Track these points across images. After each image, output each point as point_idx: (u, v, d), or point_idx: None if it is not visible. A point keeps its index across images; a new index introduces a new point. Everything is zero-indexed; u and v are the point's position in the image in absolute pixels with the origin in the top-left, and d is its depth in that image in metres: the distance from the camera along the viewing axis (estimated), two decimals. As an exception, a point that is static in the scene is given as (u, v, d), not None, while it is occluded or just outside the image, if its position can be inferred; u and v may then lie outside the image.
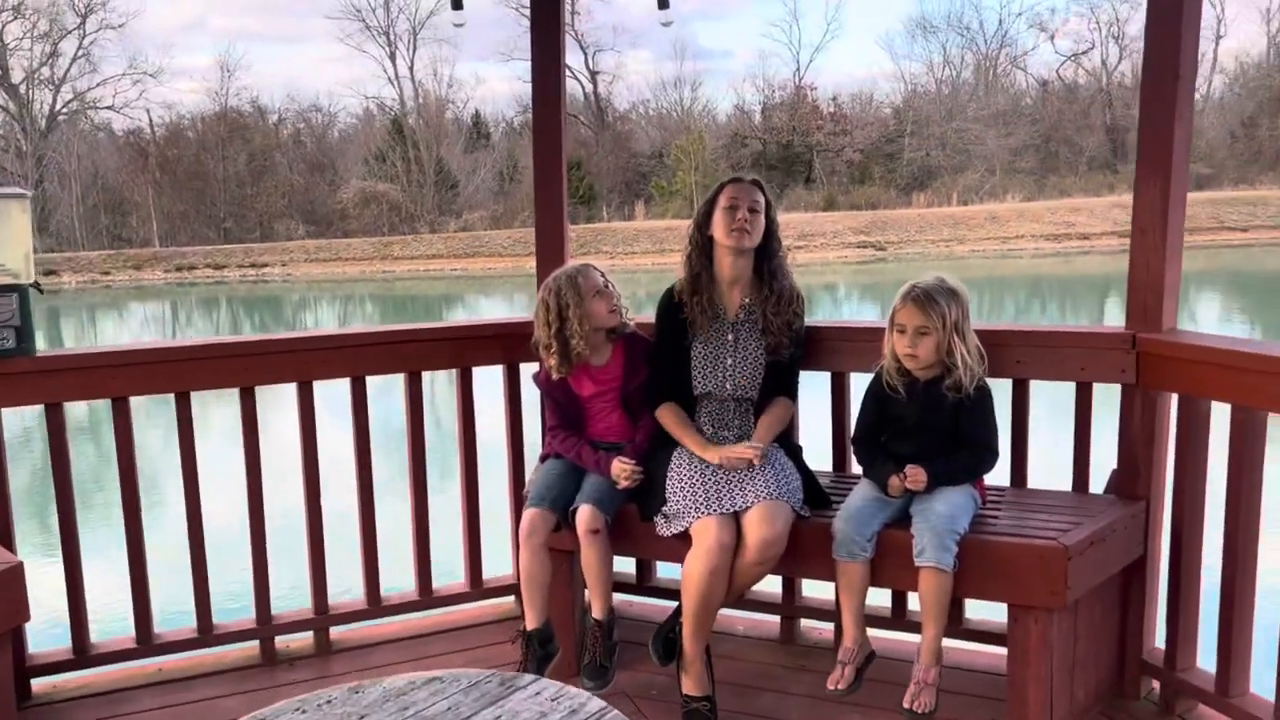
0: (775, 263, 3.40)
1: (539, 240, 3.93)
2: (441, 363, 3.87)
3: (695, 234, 3.40)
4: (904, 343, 3.08)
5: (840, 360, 3.60)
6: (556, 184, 3.87)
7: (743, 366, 3.37)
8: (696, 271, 3.38)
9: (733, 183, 3.36)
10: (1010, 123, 51.54)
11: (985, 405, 3.11)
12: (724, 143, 51.89)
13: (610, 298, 3.42)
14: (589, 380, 3.49)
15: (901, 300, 3.11)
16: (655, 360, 3.45)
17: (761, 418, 3.36)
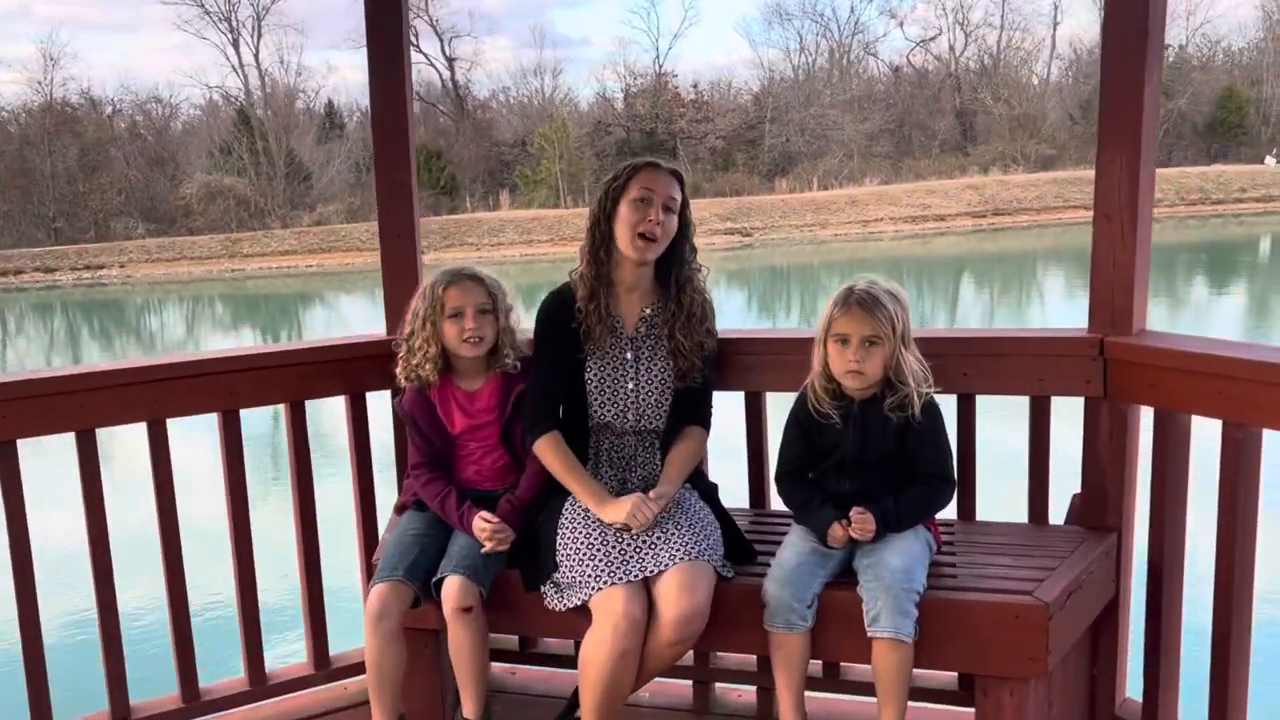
0: (686, 272, 2.80)
1: (383, 241, 3.22)
2: (268, 396, 3.12)
3: (599, 221, 2.76)
4: (847, 356, 2.52)
5: (755, 378, 3.02)
6: (404, 172, 3.17)
7: (647, 392, 2.76)
8: (601, 270, 2.76)
9: (649, 168, 2.73)
10: (865, 108, 52.48)
11: (937, 427, 2.58)
12: (587, 130, 51.20)
13: (465, 325, 2.77)
14: (459, 411, 2.82)
15: (840, 306, 2.54)
16: (537, 378, 2.80)
17: (671, 453, 2.76)
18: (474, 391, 2.83)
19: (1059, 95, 54.33)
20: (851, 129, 50.52)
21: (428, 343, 2.77)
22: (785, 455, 2.67)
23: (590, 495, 2.64)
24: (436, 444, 2.84)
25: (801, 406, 2.63)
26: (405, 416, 2.86)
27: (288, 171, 46.63)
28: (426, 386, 2.81)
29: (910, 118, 52.81)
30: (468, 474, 2.85)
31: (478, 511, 2.71)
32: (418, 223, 3.24)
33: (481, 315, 2.78)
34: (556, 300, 2.81)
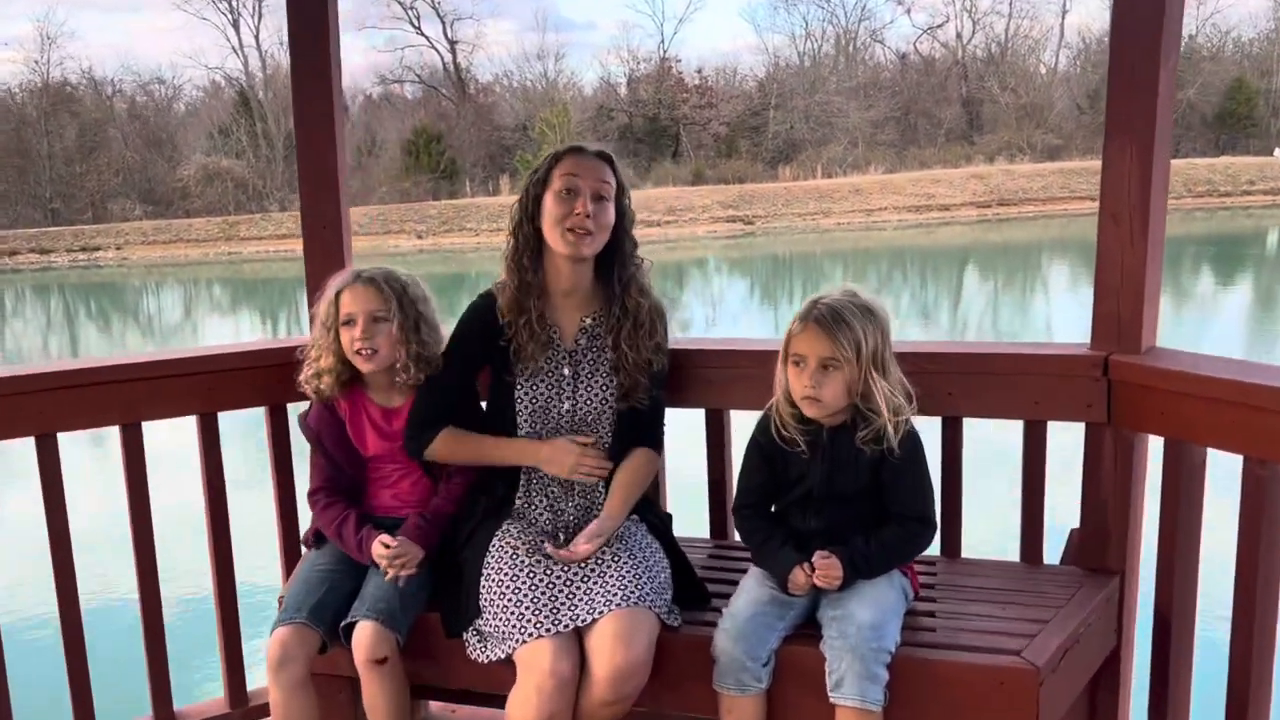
0: (628, 271, 2.46)
1: (307, 235, 2.90)
2: (172, 407, 2.79)
3: (522, 223, 2.43)
4: (803, 380, 2.19)
5: (717, 394, 2.70)
6: (329, 157, 2.85)
7: (587, 410, 2.44)
8: (527, 279, 2.42)
9: (571, 154, 2.40)
10: (870, 95, 51.91)
11: (917, 462, 2.25)
12: (590, 115, 50.70)
13: (354, 335, 2.44)
14: (373, 431, 2.50)
15: (799, 321, 2.21)
16: (427, 389, 2.49)
17: (615, 479, 2.43)
18: (393, 409, 2.51)
19: (1066, 85, 53.73)
20: (856, 116, 49.98)
21: (325, 353, 2.46)
22: (745, 485, 2.35)
23: (519, 453, 2.42)
24: (344, 468, 2.52)
25: (764, 430, 2.30)
26: (309, 435, 2.54)
27: (287, 154, 46.20)
28: (331, 401, 2.50)
29: (916, 106, 52.25)
30: (383, 500, 2.53)
31: (377, 535, 2.39)
32: (345, 213, 2.91)
33: (374, 324, 2.45)
34: (481, 314, 2.48)
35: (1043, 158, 45.82)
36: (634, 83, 54.02)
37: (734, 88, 54.83)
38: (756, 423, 2.33)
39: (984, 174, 42.25)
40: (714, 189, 41.35)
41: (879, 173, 44.85)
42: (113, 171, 44.51)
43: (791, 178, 45.04)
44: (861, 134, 49.51)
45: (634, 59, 55.08)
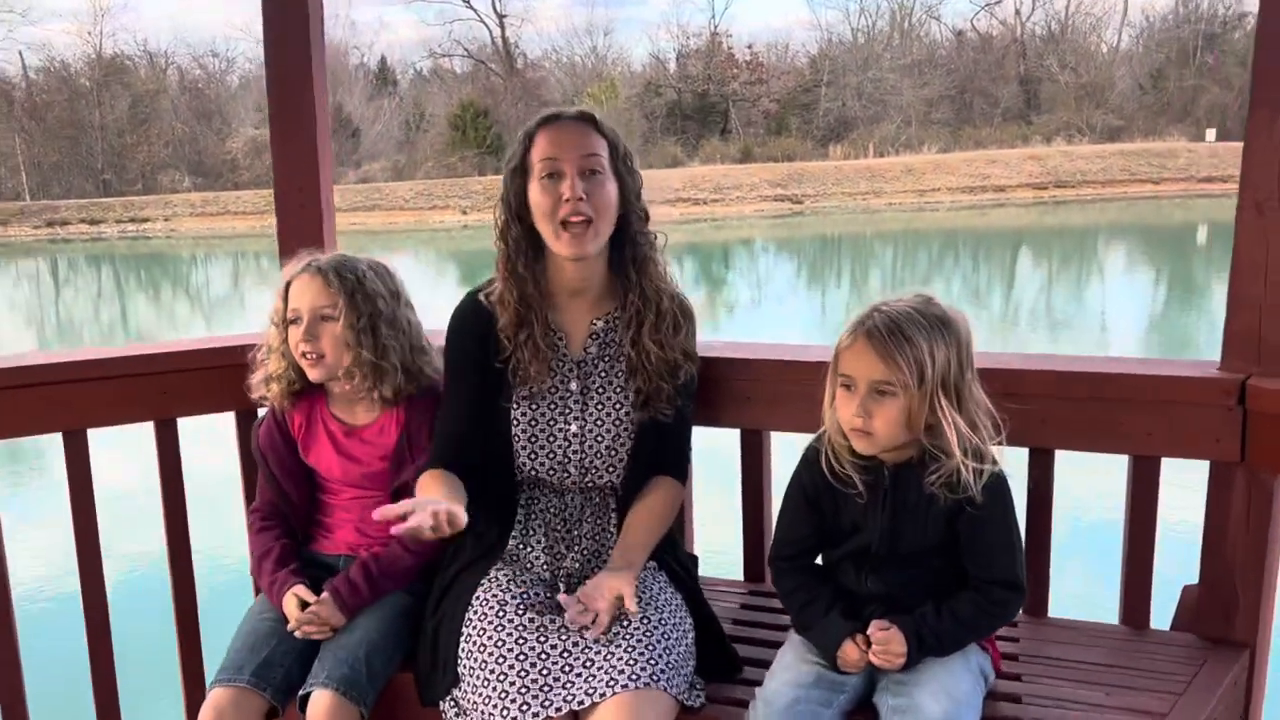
0: (640, 251, 2.03)
1: (281, 215, 2.51)
2: (122, 412, 2.41)
3: (509, 224, 2.01)
4: (850, 407, 1.75)
5: (756, 411, 2.25)
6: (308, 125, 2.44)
7: (597, 435, 2.02)
8: (527, 289, 2.00)
9: (544, 128, 1.97)
10: (925, 73, 50.69)
11: (1004, 515, 1.80)
12: (637, 91, 50.09)
13: (301, 335, 2.05)
14: (333, 451, 2.10)
15: (849, 333, 1.76)
16: (445, 415, 2.08)
17: (629, 518, 2.01)
18: (356, 427, 2.11)
19: (1128, 64, 52.07)
20: (910, 94, 48.86)
21: (274, 355, 2.08)
22: (784, 532, 1.91)
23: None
24: (289, 493, 2.13)
25: (811, 465, 1.86)
26: (255, 450, 2.15)
27: (335, 128, 46.20)
28: (283, 413, 2.10)
29: (972, 84, 50.95)
30: (345, 534, 2.13)
31: (298, 582, 2.00)
32: (326, 188, 2.50)
33: (321, 324, 2.05)
34: (469, 323, 2.06)
35: (1102, 139, 44.48)
36: (683, 58, 53.29)
37: (785, 64, 53.88)
38: (803, 453, 1.90)
39: (1041, 155, 41.07)
40: (763, 167, 40.63)
41: (932, 152, 43.81)
42: (163, 143, 44.81)
43: (842, 156, 44.14)
44: (915, 112, 48.40)
45: (684, 34, 54.33)
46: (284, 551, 2.07)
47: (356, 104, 49.31)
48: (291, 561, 2.06)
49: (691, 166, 41.21)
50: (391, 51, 59.48)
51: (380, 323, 2.07)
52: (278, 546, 2.08)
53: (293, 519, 2.12)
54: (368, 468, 2.09)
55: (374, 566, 2.01)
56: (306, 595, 1.98)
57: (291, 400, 2.08)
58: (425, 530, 1.68)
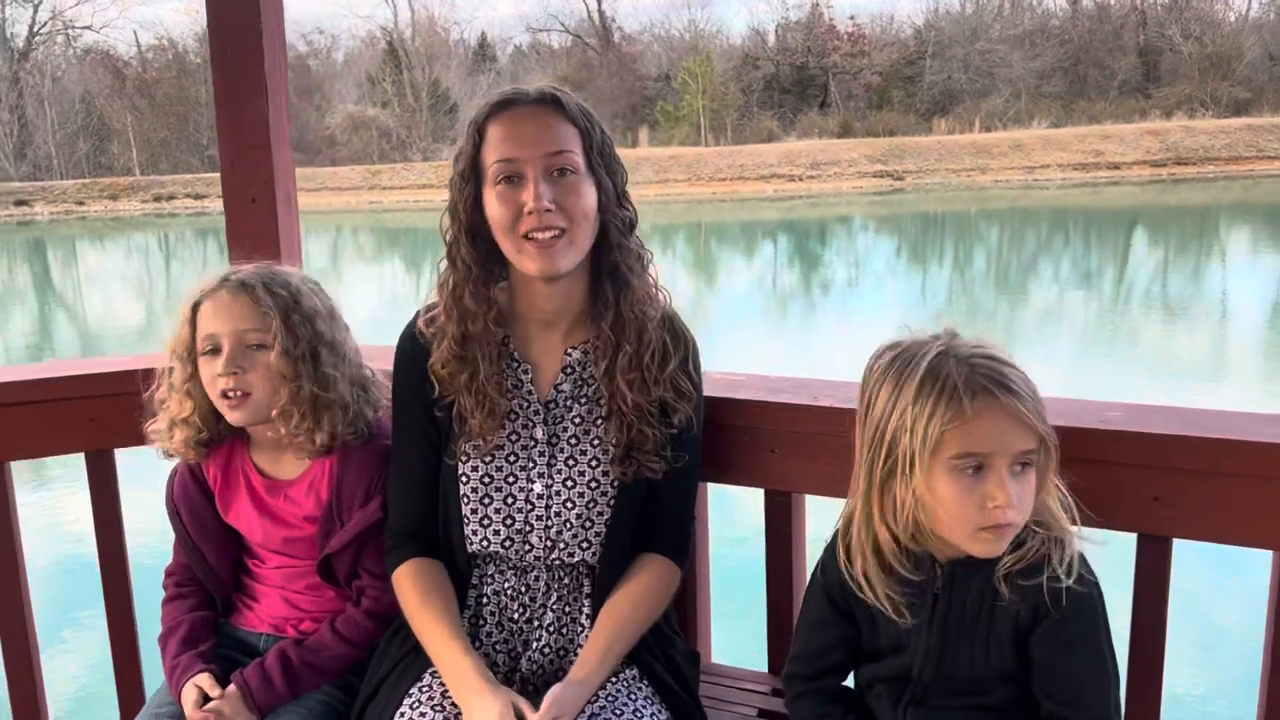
0: (620, 263, 1.58)
1: (229, 210, 2.11)
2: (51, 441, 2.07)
3: (458, 242, 1.58)
4: (990, 493, 1.27)
5: (784, 466, 1.78)
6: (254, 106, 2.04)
7: (568, 496, 1.59)
8: (471, 326, 1.57)
9: (500, 112, 1.53)
10: (1037, 44, 48.65)
11: (1096, 627, 1.32)
12: (734, 64, 49.27)
13: (220, 366, 1.63)
14: (255, 510, 1.71)
15: (955, 395, 1.26)
16: (395, 468, 1.67)
17: (603, 613, 1.57)
18: (282, 482, 1.71)
19: (1258, 33, 49.08)
20: (1020, 66, 46.96)
21: (178, 396, 1.67)
22: (803, 646, 1.46)
23: (453, 667, 1.49)
24: (207, 557, 1.74)
25: (835, 566, 1.40)
26: (168, 505, 1.77)
27: (432, 103, 46.58)
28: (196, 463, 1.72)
29: (1087, 55, 48.68)
30: (272, 606, 1.74)
31: (203, 669, 1.62)
32: (285, 179, 2.11)
33: (246, 354, 1.64)
34: (408, 350, 1.66)
35: (1228, 113, 42.01)
36: (783, 30, 52.20)
37: (889, 35, 52.36)
38: (828, 545, 1.43)
39: (1160, 130, 38.99)
40: (862, 142, 39.52)
41: (1043, 127, 42.01)
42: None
43: (947, 131, 42.70)
44: (1025, 85, 46.50)
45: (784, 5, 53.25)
46: (194, 628, 1.70)
47: (454, 79, 49.68)
48: (202, 641, 1.69)
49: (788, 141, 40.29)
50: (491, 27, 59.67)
51: (321, 348, 1.67)
52: (187, 621, 1.71)
53: (212, 586, 1.74)
54: (292, 531, 1.69)
55: (295, 655, 1.63)
56: (209, 687, 1.60)
57: (200, 451, 1.70)
58: None
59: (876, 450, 1.30)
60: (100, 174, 42.58)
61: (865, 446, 1.32)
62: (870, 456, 1.31)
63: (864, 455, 1.33)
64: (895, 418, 1.27)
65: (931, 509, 1.27)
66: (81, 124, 45.33)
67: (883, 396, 1.30)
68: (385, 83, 46.50)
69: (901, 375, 1.29)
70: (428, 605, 1.55)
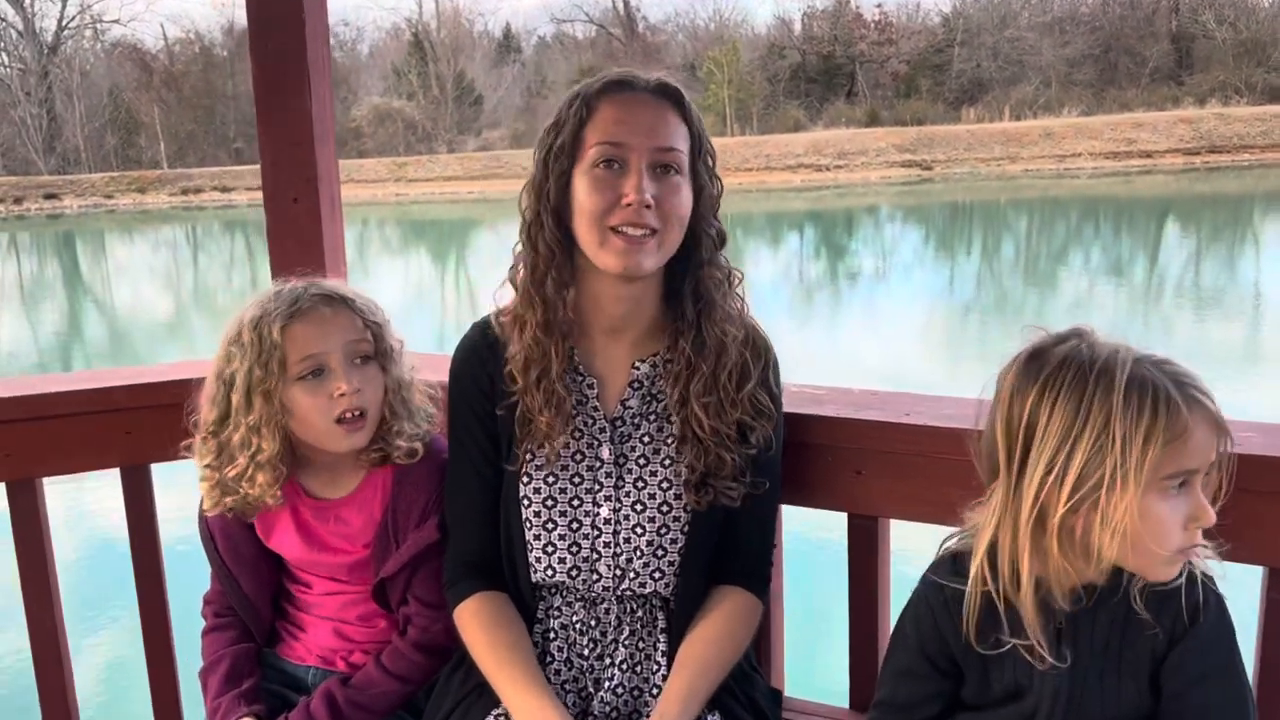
0: (706, 283, 1.46)
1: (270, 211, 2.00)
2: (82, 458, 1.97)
3: (541, 220, 1.43)
4: (1194, 512, 1.15)
5: (869, 489, 1.64)
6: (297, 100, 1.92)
7: (637, 522, 1.47)
8: (556, 314, 1.45)
9: (611, 94, 1.41)
10: (1067, 31, 48.02)
11: (1232, 647, 1.22)
12: (760, 54, 48.95)
13: (334, 388, 1.50)
14: (298, 534, 1.59)
15: (1184, 401, 1.13)
16: (454, 492, 1.55)
17: (683, 649, 1.45)
18: (335, 502, 1.59)
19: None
20: (1050, 54, 46.37)
21: (261, 437, 1.50)
22: (892, 692, 1.33)
23: (527, 712, 1.37)
24: (243, 587, 1.63)
25: (941, 600, 1.27)
26: (202, 534, 1.65)
27: (457, 95, 46.57)
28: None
29: (1118, 42, 48.00)
30: (320, 637, 1.62)
31: (246, 712, 1.51)
32: (328, 178, 1.99)
33: (361, 367, 1.53)
34: (476, 349, 1.53)
35: (1263, 99, 41.29)
36: (809, 19, 51.83)
37: (916, 23, 51.87)
38: (925, 577, 1.30)
39: (1193, 118, 38.38)
40: (890, 131, 39.17)
41: (1073, 115, 41.49)
42: (292, 112, 46.01)
43: (976, 120, 42.23)
44: (1055, 73, 45.93)
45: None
46: (236, 663, 1.59)
47: (479, 71, 49.68)
48: (246, 677, 1.58)
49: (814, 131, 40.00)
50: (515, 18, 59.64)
51: (400, 357, 1.58)
52: (229, 656, 1.60)
53: (249, 618, 1.63)
54: (344, 556, 1.58)
55: (341, 696, 1.51)
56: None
57: (281, 494, 1.55)
58: None
59: (1050, 472, 1.15)
60: (128, 167, 42.86)
61: (1033, 468, 1.17)
62: (1040, 478, 1.16)
63: (1027, 479, 1.17)
64: (1089, 435, 1.13)
65: (1133, 533, 1.13)
66: (109, 117, 45.63)
67: (1061, 411, 1.15)
68: (410, 75, 46.52)
69: (1088, 386, 1.14)
70: (498, 646, 1.43)
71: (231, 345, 1.51)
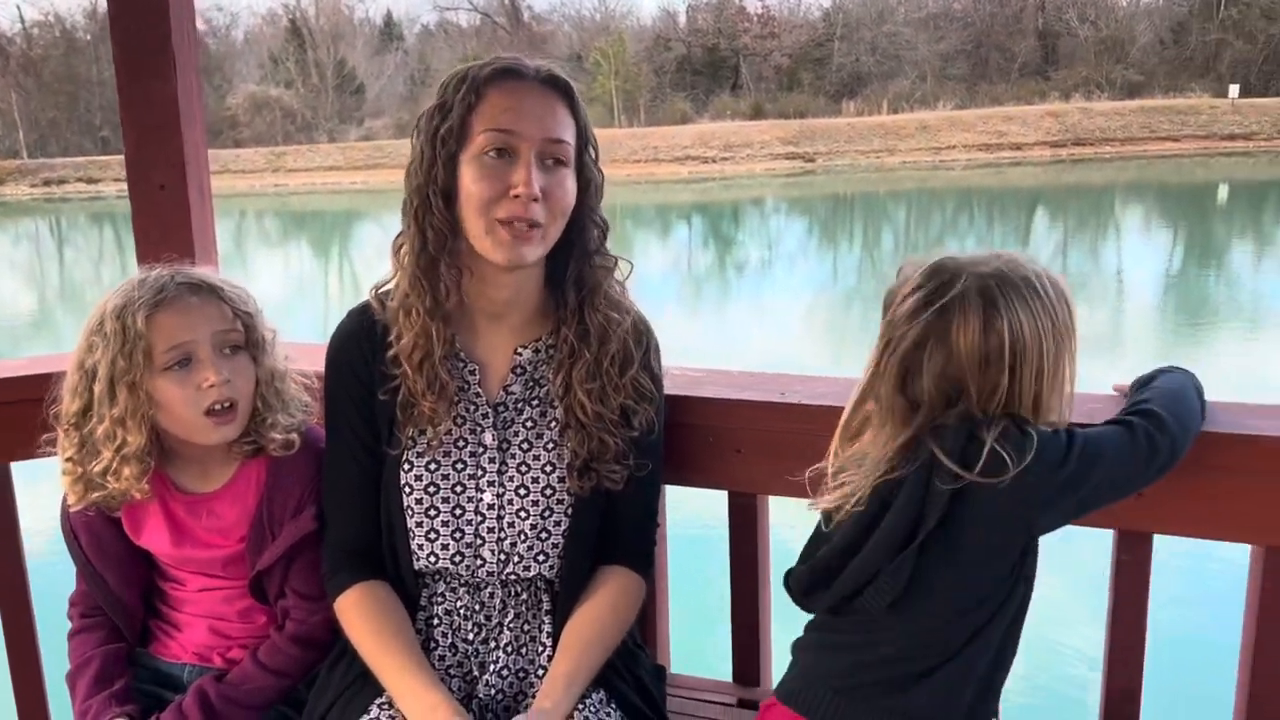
0: (592, 271, 1.48)
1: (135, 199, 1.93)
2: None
3: (430, 204, 1.41)
4: None
5: (747, 469, 1.68)
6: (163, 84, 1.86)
7: (521, 506, 1.47)
8: (441, 299, 1.44)
9: (500, 81, 1.40)
10: (941, 27, 49.55)
11: None
12: (646, 45, 49.13)
13: (203, 379, 1.46)
14: (169, 530, 1.55)
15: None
16: (333, 480, 1.52)
17: (568, 632, 1.46)
18: (207, 494, 1.55)
19: (1149, 17, 50.76)
20: (926, 49, 47.79)
21: (126, 429, 1.45)
22: None
23: (419, 703, 1.35)
24: (111, 586, 1.58)
25: None
26: (65, 532, 1.60)
27: (337, 83, 45.46)
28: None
29: (989, 38, 49.78)
30: (195, 636, 1.58)
31: (116, 715, 1.47)
32: (197, 163, 1.93)
33: (231, 357, 1.50)
34: (355, 334, 1.51)
35: (1122, 95, 43.41)
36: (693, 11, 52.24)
37: (798, 17, 52.80)
38: None
39: (1059, 111, 40.09)
40: (774, 124, 39.79)
41: (948, 109, 42.85)
42: (162, 100, 44.22)
43: (856, 113, 43.22)
44: (930, 68, 47.36)
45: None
46: (106, 664, 1.54)
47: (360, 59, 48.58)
48: (117, 678, 1.52)
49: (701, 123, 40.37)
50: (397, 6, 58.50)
51: (273, 346, 1.55)
52: (98, 656, 1.54)
53: (119, 618, 1.58)
54: (217, 551, 1.54)
55: (214, 693, 1.48)
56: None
57: (145, 488, 1.50)
58: None
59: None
60: (-18, 156, 40.53)
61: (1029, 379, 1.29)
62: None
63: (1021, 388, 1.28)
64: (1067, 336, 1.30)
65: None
66: (-41, 105, 43.06)
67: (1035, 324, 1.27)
68: (288, 62, 45.18)
69: (1041, 299, 1.29)
70: (381, 635, 1.41)
71: (93, 335, 1.45)
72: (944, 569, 1.24)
